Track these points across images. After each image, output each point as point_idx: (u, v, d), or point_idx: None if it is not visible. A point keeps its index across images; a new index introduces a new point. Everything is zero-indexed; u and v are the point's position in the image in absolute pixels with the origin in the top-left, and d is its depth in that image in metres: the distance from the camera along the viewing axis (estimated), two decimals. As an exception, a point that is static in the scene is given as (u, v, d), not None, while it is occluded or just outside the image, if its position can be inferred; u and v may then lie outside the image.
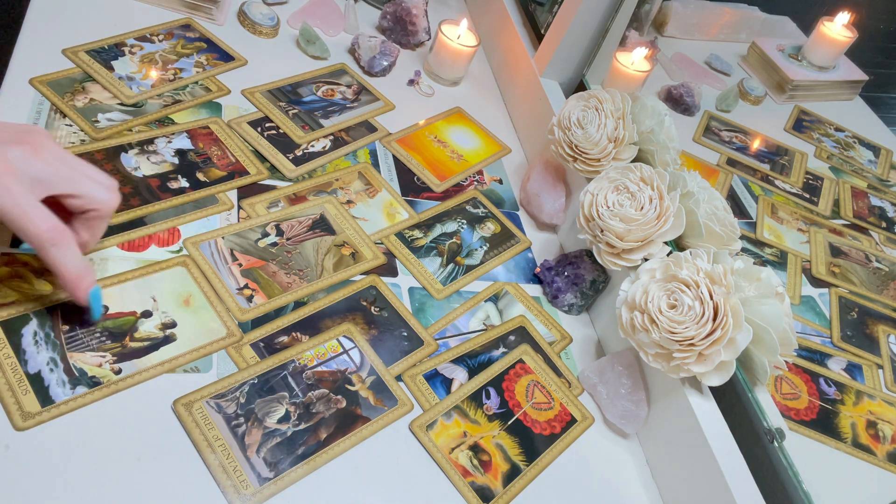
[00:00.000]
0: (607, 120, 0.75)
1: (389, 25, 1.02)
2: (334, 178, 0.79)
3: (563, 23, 0.90)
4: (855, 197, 0.99)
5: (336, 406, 0.60)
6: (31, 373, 0.53)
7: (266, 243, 0.69)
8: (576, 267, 0.77)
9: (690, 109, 1.02)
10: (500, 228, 0.83)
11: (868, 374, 0.75)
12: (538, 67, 0.95)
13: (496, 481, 0.60)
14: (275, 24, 0.92)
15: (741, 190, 0.94)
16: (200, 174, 0.72)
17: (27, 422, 0.50)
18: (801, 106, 1.12)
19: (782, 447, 0.61)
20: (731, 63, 1.14)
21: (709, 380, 0.60)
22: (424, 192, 0.83)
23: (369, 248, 0.73)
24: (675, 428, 0.64)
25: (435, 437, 0.61)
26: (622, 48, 0.93)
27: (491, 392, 0.66)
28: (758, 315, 0.61)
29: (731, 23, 1.17)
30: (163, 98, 0.77)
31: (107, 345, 0.56)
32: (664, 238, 0.68)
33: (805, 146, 1.05)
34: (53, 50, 0.76)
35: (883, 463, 0.68)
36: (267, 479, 0.53)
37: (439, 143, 0.90)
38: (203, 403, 0.56)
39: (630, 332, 0.64)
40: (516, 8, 1.06)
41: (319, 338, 0.64)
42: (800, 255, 0.87)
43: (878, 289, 0.86)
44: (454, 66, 0.98)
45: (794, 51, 1.14)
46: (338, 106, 0.87)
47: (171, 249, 0.65)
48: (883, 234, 0.95)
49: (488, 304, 0.74)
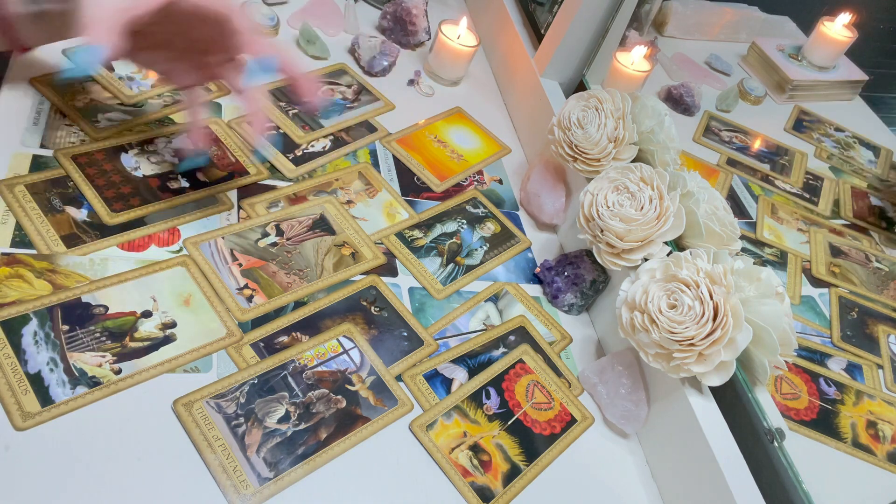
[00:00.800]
0: (607, 120, 0.75)
1: (389, 25, 1.02)
2: (334, 178, 0.79)
3: (563, 23, 0.90)
4: (855, 197, 0.99)
5: (336, 406, 0.60)
6: (31, 373, 0.53)
7: (266, 243, 0.69)
8: (576, 267, 0.77)
9: (690, 109, 1.02)
10: (500, 228, 0.83)
11: (868, 374, 0.75)
12: (538, 67, 0.95)
13: (496, 481, 0.60)
14: (275, 24, 0.93)
15: (741, 190, 0.94)
16: (200, 174, 0.72)
17: (27, 422, 0.50)
18: (801, 106, 1.12)
19: (782, 447, 0.61)
20: (731, 63, 1.14)
21: (709, 380, 0.60)
22: (424, 192, 0.83)
23: (369, 248, 0.73)
24: (675, 428, 0.64)
25: (435, 437, 0.61)
26: (622, 48, 0.93)
27: (491, 392, 0.66)
28: (758, 315, 0.61)
29: (731, 23, 1.17)
30: (163, 98, 0.77)
31: (107, 345, 0.56)
32: (664, 238, 0.68)
33: (805, 146, 1.05)
34: (53, 50, 0.76)
35: (883, 463, 0.68)
36: (267, 479, 0.53)
37: (439, 143, 0.90)
38: (203, 403, 0.56)
39: (630, 332, 0.64)
40: (516, 8, 1.06)
41: (319, 338, 0.64)
42: (800, 255, 0.87)
43: (878, 289, 0.86)
44: (454, 66, 0.98)
45: (794, 51, 1.14)
46: (338, 106, 0.88)
47: (171, 249, 0.65)
48: (883, 234, 0.95)
49: (488, 304, 0.74)
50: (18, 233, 0.60)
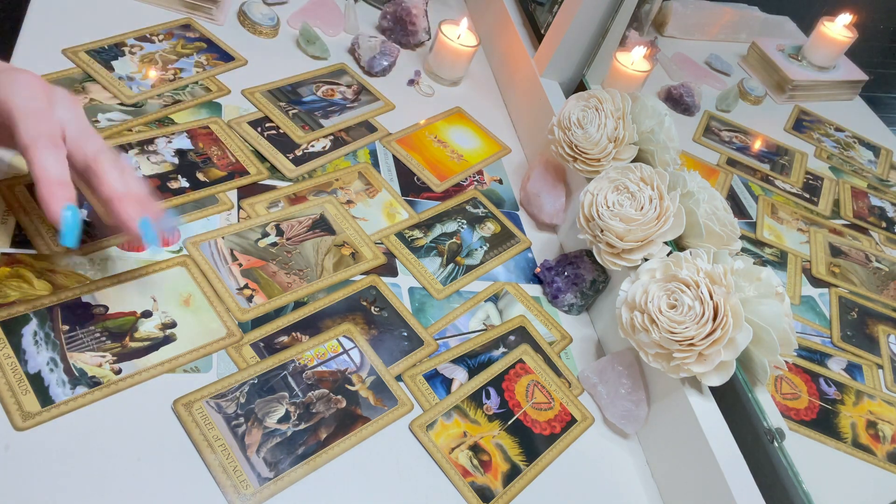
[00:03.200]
0: (607, 120, 0.75)
1: (389, 25, 1.02)
2: (334, 178, 0.79)
3: (563, 23, 0.90)
4: (855, 197, 0.99)
5: (336, 406, 0.60)
6: (31, 373, 0.53)
7: (266, 243, 0.69)
8: (576, 267, 0.77)
9: (690, 109, 1.02)
10: (500, 228, 0.83)
11: (868, 374, 0.75)
12: (538, 67, 0.95)
13: (496, 481, 0.60)
14: (275, 24, 0.92)
15: (741, 190, 0.94)
16: (200, 174, 0.72)
17: (27, 422, 0.50)
18: (801, 106, 1.12)
19: (782, 447, 0.61)
20: (731, 63, 1.14)
21: (709, 380, 0.60)
22: (424, 192, 0.83)
23: (369, 248, 0.73)
24: (675, 428, 0.64)
25: (435, 437, 0.61)
26: (622, 48, 0.93)
27: (491, 392, 0.66)
28: (758, 315, 0.61)
29: (731, 23, 1.17)
30: (163, 98, 0.77)
31: (107, 345, 0.56)
32: (664, 238, 0.68)
33: (805, 146, 1.05)
34: (53, 50, 0.76)
35: (883, 463, 0.68)
36: (267, 479, 0.53)
37: (439, 143, 0.90)
38: (203, 403, 0.56)
39: (630, 332, 0.64)
40: (516, 8, 1.06)
41: (319, 338, 0.64)
42: (800, 255, 0.87)
43: (878, 289, 0.86)
44: (454, 66, 0.98)
45: (794, 51, 1.14)
46: (338, 106, 0.87)
47: (170, 249, 0.65)
48: (883, 234, 0.95)
49: (488, 304, 0.74)
50: (18, 233, 0.60)
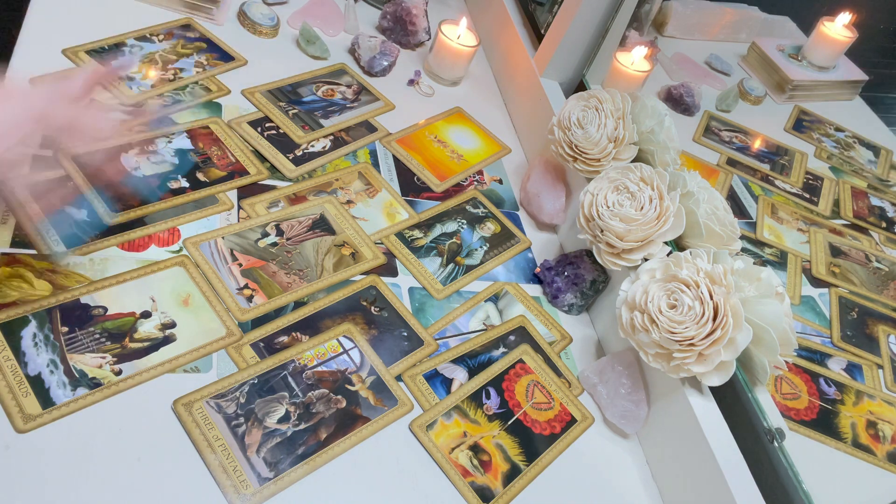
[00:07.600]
0: (607, 120, 0.75)
1: (389, 25, 1.02)
2: (334, 178, 0.79)
3: (563, 23, 0.90)
4: (855, 197, 0.99)
5: (336, 406, 0.60)
6: (32, 375, 0.53)
7: (266, 243, 0.69)
8: (576, 267, 0.77)
9: (690, 109, 1.02)
10: (500, 228, 0.83)
11: (868, 374, 0.75)
12: (538, 67, 0.95)
13: (496, 481, 0.60)
14: (275, 24, 0.92)
15: (741, 190, 0.94)
16: (200, 174, 0.72)
17: (28, 424, 0.50)
18: (801, 106, 1.12)
19: (782, 447, 0.61)
20: (731, 63, 1.14)
21: (709, 380, 0.60)
22: (424, 192, 0.83)
23: (369, 248, 0.73)
24: (675, 428, 0.64)
25: (435, 437, 0.61)
26: (622, 48, 0.93)
27: (491, 392, 0.66)
28: (758, 315, 0.61)
29: (731, 23, 1.17)
30: (163, 98, 0.77)
31: (106, 346, 0.56)
32: (664, 238, 0.68)
33: (805, 146, 1.05)
34: (53, 50, 0.76)
35: (883, 463, 0.68)
36: (267, 479, 0.53)
37: (439, 143, 0.90)
38: (203, 403, 0.56)
39: (630, 332, 0.64)
40: (516, 8, 1.06)
41: (319, 338, 0.64)
42: (800, 255, 0.87)
43: (878, 289, 0.86)
44: (454, 66, 0.98)
45: (794, 51, 1.14)
46: (338, 106, 0.87)
47: (171, 249, 0.65)
48: (883, 234, 0.95)
49: (488, 304, 0.74)
50: (18, 233, 0.60)
